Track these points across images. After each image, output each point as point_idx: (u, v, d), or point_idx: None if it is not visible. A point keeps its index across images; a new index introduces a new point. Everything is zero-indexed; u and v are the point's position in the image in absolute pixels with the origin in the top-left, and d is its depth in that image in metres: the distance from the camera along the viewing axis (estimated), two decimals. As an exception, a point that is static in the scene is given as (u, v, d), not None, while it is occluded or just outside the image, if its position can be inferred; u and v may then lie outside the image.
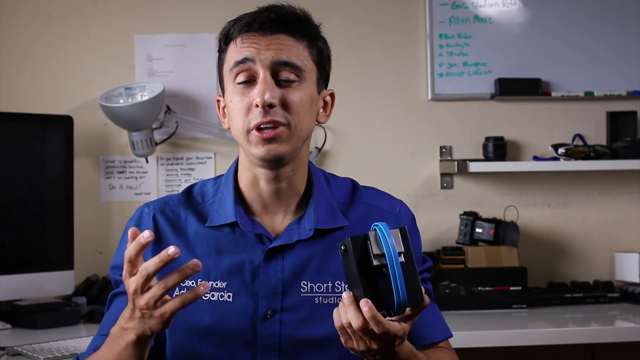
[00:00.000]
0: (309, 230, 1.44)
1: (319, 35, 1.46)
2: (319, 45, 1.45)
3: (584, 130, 2.99)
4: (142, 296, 1.21)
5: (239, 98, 1.39)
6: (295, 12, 1.42)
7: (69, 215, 2.62)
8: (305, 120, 1.41)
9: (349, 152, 2.94)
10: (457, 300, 2.66)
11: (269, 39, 1.39)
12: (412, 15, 2.96)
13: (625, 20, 2.97)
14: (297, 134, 1.39)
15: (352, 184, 1.57)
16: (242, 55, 1.39)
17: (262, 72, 1.38)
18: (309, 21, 1.44)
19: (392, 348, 1.26)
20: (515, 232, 2.74)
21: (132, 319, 1.25)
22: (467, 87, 2.95)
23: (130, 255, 1.21)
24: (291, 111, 1.38)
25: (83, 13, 2.90)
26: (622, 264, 2.87)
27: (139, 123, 2.70)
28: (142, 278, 1.20)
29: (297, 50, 1.40)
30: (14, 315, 2.51)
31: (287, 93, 1.38)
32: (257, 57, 1.38)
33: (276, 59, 1.38)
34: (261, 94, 1.36)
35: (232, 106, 1.40)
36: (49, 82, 2.88)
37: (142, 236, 1.20)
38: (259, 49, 1.38)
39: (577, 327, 2.47)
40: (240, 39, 1.40)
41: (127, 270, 1.23)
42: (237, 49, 1.40)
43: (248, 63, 1.38)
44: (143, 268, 1.20)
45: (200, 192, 1.53)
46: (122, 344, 1.29)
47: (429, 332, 1.49)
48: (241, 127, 1.39)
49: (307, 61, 1.41)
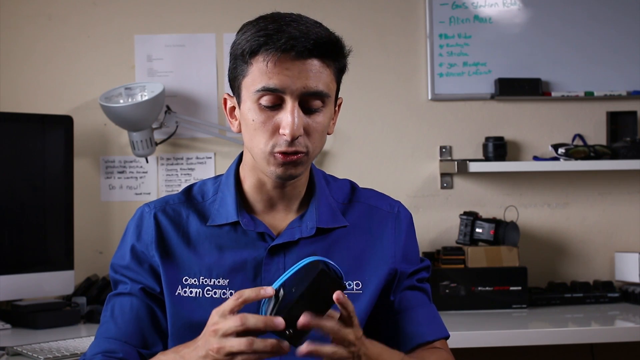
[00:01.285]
0: (311, 228, 1.45)
1: (345, 56, 1.44)
2: (342, 64, 1.44)
3: (584, 130, 2.99)
4: (221, 339, 1.21)
5: (263, 119, 1.37)
6: (330, 38, 1.39)
7: (69, 215, 2.62)
8: (321, 142, 1.42)
9: (349, 152, 2.94)
10: (457, 300, 2.66)
11: (300, 65, 1.35)
12: (412, 15, 2.96)
13: (625, 20, 2.98)
14: (312, 157, 1.41)
15: (350, 185, 1.58)
16: (272, 84, 1.34)
17: (291, 102, 1.35)
18: (343, 48, 1.42)
19: (364, 343, 1.27)
20: (515, 232, 2.74)
21: (192, 354, 1.26)
22: (467, 87, 2.95)
23: (245, 298, 1.22)
24: (312, 138, 1.38)
25: (83, 13, 2.90)
26: (622, 264, 2.87)
27: (139, 123, 2.70)
28: (239, 325, 1.20)
29: (324, 76, 1.37)
30: (14, 315, 2.51)
31: (311, 120, 1.38)
32: (288, 88, 1.34)
33: (306, 90, 1.35)
34: (291, 127, 1.34)
35: (254, 125, 1.38)
36: (49, 82, 2.88)
37: (266, 291, 1.22)
38: (290, 78, 1.34)
39: (577, 327, 2.47)
40: (273, 62, 1.34)
41: (223, 311, 1.23)
42: (267, 72, 1.35)
43: (278, 92, 1.35)
44: (244, 317, 1.20)
45: (200, 191, 1.53)
46: None
47: (423, 330, 1.49)
48: (263, 147, 1.37)
49: (331, 84, 1.40)
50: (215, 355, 1.21)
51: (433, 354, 1.47)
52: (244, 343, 1.19)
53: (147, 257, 1.47)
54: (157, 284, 1.46)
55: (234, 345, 1.19)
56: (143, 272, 1.46)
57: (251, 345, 1.18)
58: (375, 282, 1.47)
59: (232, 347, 1.19)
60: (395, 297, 1.50)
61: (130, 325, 1.44)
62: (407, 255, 1.52)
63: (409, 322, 1.47)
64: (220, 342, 1.21)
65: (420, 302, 1.53)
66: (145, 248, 1.47)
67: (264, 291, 1.22)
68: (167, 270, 1.45)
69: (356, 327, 1.25)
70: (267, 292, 1.22)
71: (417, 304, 1.52)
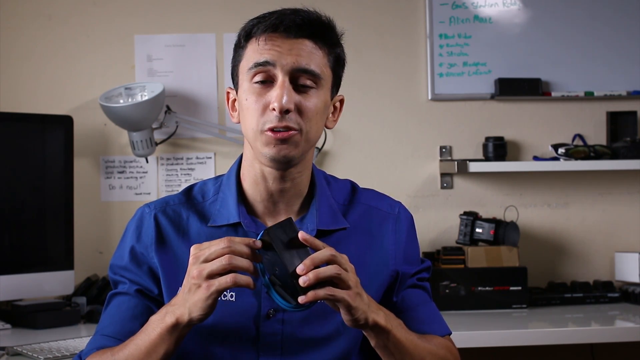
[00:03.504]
0: (311, 230, 1.45)
1: (339, 42, 1.47)
2: (338, 52, 1.46)
3: (584, 130, 2.99)
4: (200, 265, 1.25)
5: (255, 98, 1.39)
6: (320, 18, 1.43)
7: (69, 215, 2.62)
8: (316, 127, 1.42)
9: (349, 152, 2.94)
10: (457, 300, 2.66)
11: (292, 43, 1.39)
12: (412, 15, 2.96)
13: (625, 20, 2.97)
14: (307, 139, 1.40)
15: (351, 186, 1.58)
16: (263, 58, 1.38)
17: (282, 76, 1.38)
18: (333, 29, 1.45)
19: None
20: (515, 232, 2.74)
21: (179, 296, 1.29)
22: (467, 87, 2.95)
23: (233, 250, 1.25)
24: (305, 117, 1.39)
25: (83, 13, 2.90)
26: (622, 264, 2.87)
27: (139, 123, 2.70)
28: (219, 247, 1.25)
29: (317, 57, 1.40)
30: (14, 315, 2.51)
31: (303, 99, 1.39)
32: (278, 62, 1.38)
33: (296, 66, 1.38)
34: (279, 99, 1.36)
35: (247, 105, 1.40)
36: (49, 82, 2.88)
37: (256, 242, 1.27)
38: (280, 53, 1.38)
39: (577, 327, 2.47)
40: (264, 39, 1.39)
41: (197, 257, 1.27)
42: (258, 49, 1.39)
43: (268, 66, 1.38)
44: (229, 241, 1.25)
45: (201, 191, 1.53)
46: (158, 330, 1.31)
47: (428, 328, 1.49)
48: (255, 126, 1.39)
49: (325, 68, 1.42)
50: (197, 281, 1.26)
51: (436, 338, 1.49)
52: (224, 259, 1.24)
53: (146, 259, 1.47)
54: (156, 285, 1.46)
55: (215, 264, 1.25)
56: (141, 274, 1.46)
57: (230, 259, 1.24)
58: (376, 284, 1.48)
59: (212, 267, 1.24)
60: (398, 297, 1.51)
61: (127, 323, 1.44)
62: (408, 257, 1.52)
63: (412, 321, 1.47)
64: (200, 266, 1.26)
65: (421, 300, 1.53)
66: (144, 249, 1.47)
67: (254, 243, 1.27)
68: (166, 272, 1.45)
69: (352, 271, 1.29)
70: (256, 244, 1.27)
71: (419, 303, 1.53)
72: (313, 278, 1.23)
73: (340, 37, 1.47)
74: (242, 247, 1.26)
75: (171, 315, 1.30)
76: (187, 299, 1.27)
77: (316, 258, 1.25)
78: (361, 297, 1.29)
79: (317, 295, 1.23)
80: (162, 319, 1.31)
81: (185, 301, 1.27)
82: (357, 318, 1.29)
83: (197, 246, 1.29)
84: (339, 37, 1.47)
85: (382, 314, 1.34)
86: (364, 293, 1.31)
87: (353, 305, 1.27)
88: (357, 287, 1.28)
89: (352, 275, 1.28)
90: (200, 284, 1.25)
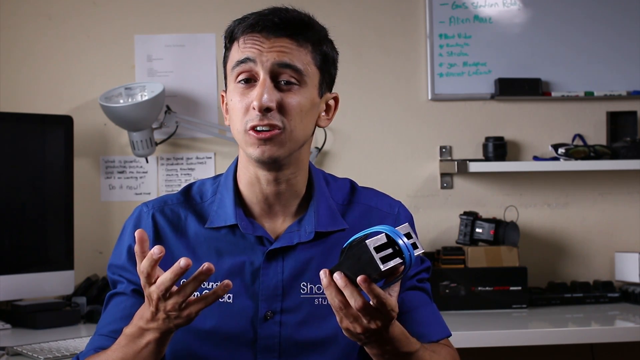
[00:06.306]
0: (309, 232, 1.44)
1: (324, 39, 1.45)
2: (324, 50, 1.44)
3: (584, 130, 2.99)
4: (166, 302, 1.24)
5: (239, 98, 1.40)
6: (299, 17, 1.42)
7: (69, 215, 2.62)
8: (302, 125, 1.40)
9: (349, 152, 2.94)
10: (457, 300, 2.66)
11: (272, 42, 1.39)
12: (412, 15, 2.96)
13: (625, 20, 2.97)
14: (292, 138, 1.39)
15: (350, 185, 1.57)
16: (243, 55, 1.39)
17: (262, 74, 1.38)
18: (313, 26, 1.44)
19: (387, 327, 1.26)
20: (515, 232, 2.74)
21: (155, 320, 1.27)
22: (467, 87, 2.95)
23: (146, 272, 1.22)
24: (287, 115, 1.38)
25: (83, 13, 2.90)
26: (622, 264, 2.87)
27: (139, 123, 2.70)
28: (161, 292, 1.22)
29: (299, 55, 1.40)
30: (14, 315, 2.51)
31: (285, 97, 1.38)
32: (259, 59, 1.38)
33: (277, 61, 1.38)
34: (259, 98, 1.36)
35: (232, 105, 1.41)
36: (49, 82, 2.88)
37: (153, 253, 1.20)
38: (261, 51, 1.38)
39: (577, 327, 2.47)
40: (244, 39, 1.40)
41: (144, 281, 1.24)
42: (239, 49, 1.40)
43: (249, 63, 1.39)
44: (161, 283, 1.21)
45: (199, 191, 1.52)
46: (142, 343, 1.30)
47: (427, 330, 1.49)
48: (239, 127, 1.39)
49: (309, 66, 1.41)
50: (175, 314, 1.24)
51: (443, 349, 1.48)
52: (178, 295, 1.22)
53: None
54: None
55: (174, 300, 1.23)
56: None
57: (185, 293, 1.22)
58: (376, 285, 1.47)
59: (177, 302, 1.23)
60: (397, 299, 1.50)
61: (124, 323, 1.44)
62: (408, 258, 1.51)
63: (413, 323, 1.46)
64: (164, 305, 1.23)
65: (422, 302, 1.53)
66: (142, 249, 1.47)
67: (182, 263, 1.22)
68: None
69: (383, 316, 1.23)
70: (155, 253, 1.21)
71: (419, 304, 1.52)
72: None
73: (324, 35, 1.46)
74: (171, 279, 1.21)
75: (154, 332, 1.29)
76: (170, 322, 1.26)
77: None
78: (381, 336, 1.27)
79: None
80: (141, 335, 1.30)
81: (168, 322, 1.27)
82: (358, 339, 1.28)
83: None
84: (323, 34, 1.45)
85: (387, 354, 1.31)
86: (389, 334, 1.28)
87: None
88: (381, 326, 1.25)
89: (388, 319, 1.25)
90: (179, 314, 1.25)
